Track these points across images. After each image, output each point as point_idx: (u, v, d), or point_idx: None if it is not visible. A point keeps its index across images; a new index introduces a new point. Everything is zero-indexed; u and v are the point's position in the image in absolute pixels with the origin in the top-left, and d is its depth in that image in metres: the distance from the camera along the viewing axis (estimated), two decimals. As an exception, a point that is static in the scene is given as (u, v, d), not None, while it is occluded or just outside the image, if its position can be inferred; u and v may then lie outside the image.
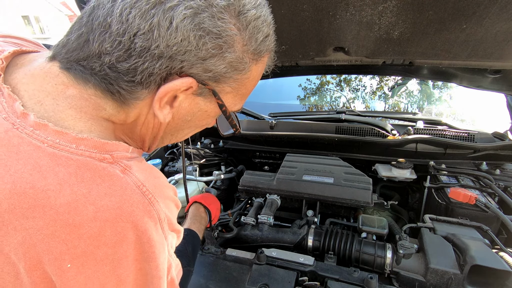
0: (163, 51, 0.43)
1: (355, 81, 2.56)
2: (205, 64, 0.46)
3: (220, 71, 0.48)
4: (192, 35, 0.43)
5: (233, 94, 0.55)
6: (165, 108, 0.50)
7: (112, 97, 0.47)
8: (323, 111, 2.23)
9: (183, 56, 0.44)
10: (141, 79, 0.45)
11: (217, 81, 0.50)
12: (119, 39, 0.43)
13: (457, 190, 1.25)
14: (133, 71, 0.44)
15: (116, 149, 0.46)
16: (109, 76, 0.45)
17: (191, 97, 0.51)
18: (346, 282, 0.96)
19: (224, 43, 0.46)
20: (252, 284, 0.95)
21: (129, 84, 0.46)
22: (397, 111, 2.26)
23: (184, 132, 0.60)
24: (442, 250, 1.00)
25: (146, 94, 0.48)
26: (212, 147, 1.89)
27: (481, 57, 1.14)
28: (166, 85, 0.46)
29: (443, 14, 0.94)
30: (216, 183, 1.67)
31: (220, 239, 1.21)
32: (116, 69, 0.44)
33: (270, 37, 0.53)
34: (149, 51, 0.43)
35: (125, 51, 0.43)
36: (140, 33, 0.42)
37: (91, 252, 0.39)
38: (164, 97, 0.48)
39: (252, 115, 1.95)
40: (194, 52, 0.44)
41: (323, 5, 0.98)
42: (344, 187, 1.27)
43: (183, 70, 0.46)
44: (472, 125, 1.91)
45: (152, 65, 0.44)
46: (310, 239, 1.15)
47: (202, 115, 0.56)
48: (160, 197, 0.46)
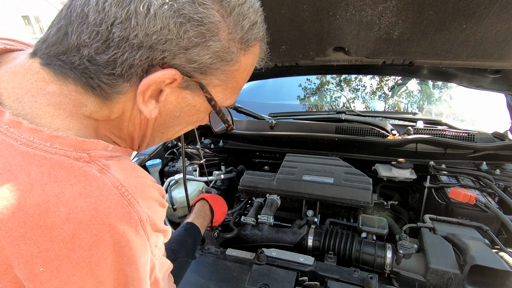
0: (142, 40, 0.41)
1: (355, 81, 2.56)
2: (188, 54, 0.44)
3: (205, 62, 0.46)
4: (172, 23, 0.41)
5: (222, 88, 0.52)
6: (150, 103, 0.47)
7: (93, 92, 0.45)
8: (323, 111, 2.23)
9: (164, 46, 0.42)
10: (121, 71, 0.43)
11: (203, 73, 0.47)
12: (96, 29, 0.41)
13: (457, 190, 1.25)
14: (112, 63, 0.43)
15: (95, 147, 0.44)
16: (89, 70, 0.43)
17: (177, 90, 0.49)
18: (346, 282, 0.95)
19: (207, 31, 0.43)
20: (252, 284, 0.95)
21: (110, 78, 0.44)
22: (397, 111, 2.25)
23: (175, 129, 0.58)
24: (442, 250, 1.00)
25: (128, 87, 0.46)
26: (212, 147, 1.89)
27: (481, 57, 1.14)
28: (147, 77, 0.44)
29: (443, 14, 0.94)
30: (216, 183, 1.67)
31: (220, 239, 1.21)
32: (96, 61, 0.42)
33: (258, 25, 0.50)
34: (128, 41, 0.41)
35: (103, 42, 0.41)
36: (118, 22, 0.40)
37: (65, 255, 0.37)
38: (147, 90, 0.45)
39: (252, 115, 1.95)
40: (175, 41, 0.42)
41: (323, 5, 0.98)
42: (344, 187, 1.27)
43: (165, 61, 0.44)
44: (472, 125, 1.91)
45: (131, 56, 0.42)
46: (310, 239, 1.15)
47: (191, 111, 0.53)
48: (141, 197, 0.44)
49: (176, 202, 1.46)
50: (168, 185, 1.57)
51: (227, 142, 1.94)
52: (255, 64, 0.57)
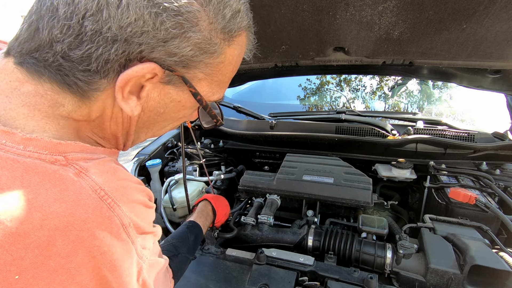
0: (117, 33, 0.39)
1: (355, 81, 2.56)
2: (167, 46, 0.42)
3: (186, 55, 0.43)
4: (146, 13, 0.39)
5: (208, 81, 0.50)
6: (130, 100, 0.45)
7: (70, 90, 0.43)
8: (323, 111, 2.22)
9: (141, 39, 0.40)
10: (97, 67, 0.41)
11: (186, 66, 0.45)
12: (67, 23, 0.38)
13: (457, 190, 1.25)
14: (87, 59, 0.40)
15: (72, 149, 0.42)
16: (64, 67, 0.41)
17: (160, 86, 0.46)
18: (346, 282, 0.95)
19: (186, 21, 0.41)
20: (252, 284, 0.95)
21: (85, 74, 0.41)
22: (397, 111, 2.25)
23: (160, 125, 0.55)
24: (442, 250, 1.00)
25: (106, 84, 0.43)
26: (212, 147, 1.89)
27: (481, 57, 1.14)
28: (125, 72, 0.42)
29: (443, 14, 0.94)
30: (216, 183, 1.67)
31: (220, 239, 1.21)
32: (70, 58, 0.40)
33: (242, 14, 0.47)
34: (101, 34, 0.39)
35: (75, 37, 0.39)
36: (89, 15, 0.38)
37: (42, 263, 0.35)
38: (126, 86, 0.43)
39: (252, 115, 1.95)
40: (152, 33, 0.40)
41: (323, 5, 0.98)
42: (344, 187, 1.27)
43: (143, 55, 0.42)
44: (472, 125, 1.91)
45: (107, 51, 0.40)
46: (310, 239, 1.15)
47: (176, 107, 0.51)
48: (122, 201, 0.42)
49: (176, 202, 1.45)
50: (168, 185, 1.57)
51: (227, 142, 1.94)
52: (242, 56, 0.54)
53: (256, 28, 0.55)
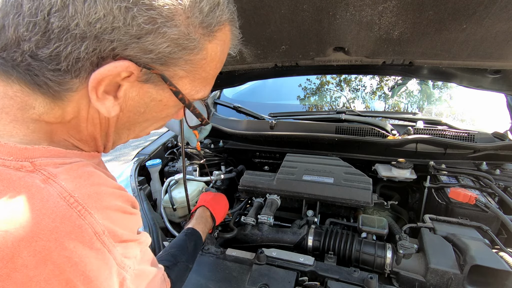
0: (85, 30, 0.36)
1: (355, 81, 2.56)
2: (142, 43, 0.39)
3: (163, 51, 0.41)
4: (116, 8, 0.36)
5: (189, 79, 0.47)
6: (106, 100, 0.42)
7: (41, 91, 0.41)
8: (323, 111, 2.22)
9: (112, 35, 0.37)
10: (67, 66, 0.38)
11: (164, 64, 0.43)
12: (33, 20, 0.36)
13: (457, 190, 1.25)
14: (56, 58, 0.38)
15: (40, 155, 0.39)
16: (33, 66, 0.39)
17: (138, 84, 0.44)
18: (346, 282, 0.95)
19: (159, 16, 0.38)
20: (252, 284, 0.95)
21: (55, 74, 0.39)
22: (397, 111, 2.25)
23: (143, 125, 0.53)
24: (442, 250, 1.00)
25: (79, 84, 0.41)
26: (212, 147, 1.89)
27: (481, 57, 1.14)
28: (96, 71, 0.39)
29: (443, 14, 0.94)
30: (216, 183, 1.67)
31: (220, 239, 1.21)
32: (38, 57, 0.38)
33: (222, 7, 0.45)
34: (69, 31, 0.36)
35: (42, 34, 0.37)
36: (54, 10, 0.36)
37: (7, 276, 0.33)
38: (99, 86, 0.40)
39: (252, 115, 1.95)
40: (123, 29, 0.37)
41: (323, 5, 0.98)
42: (344, 187, 1.27)
43: (117, 53, 0.39)
44: (472, 125, 1.91)
45: (76, 49, 0.37)
46: (310, 239, 1.15)
47: (157, 106, 0.48)
48: (95, 207, 0.39)
49: (176, 202, 1.45)
50: (168, 185, 1.57)
51: (227, 142, 1.94)
52: (226, 51, 0.52)
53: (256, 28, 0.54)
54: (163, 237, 1.17)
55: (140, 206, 1.28)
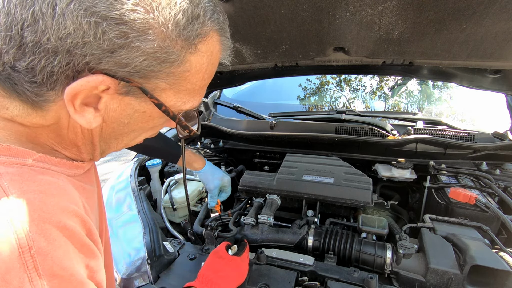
0: (57, 45, 0.37)
1: (355, 81, 2.56)
2: (116, 57, 0.39)
3: (141, 65, 0.40)
4: (85, 23, 0.36)
5: (173, 91, 0.46)
6: (86, 112, 0.42)
7: (20, 98, 0.41)
8: (323, 111, 2.22)
9: (84, 50, 0.37)
10: (42, 79, 0.39)
11: (143, 77, 0.42)
12: (8, 34, 0.37)
13: (457, 190, 1.25)
14: (32, 71, 0.39)
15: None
16: (13, 76, 0.40)
17: (118, 97, 0.43)
18: (346, 282, 0.95)
19: (131, 30, 0.38)
20: (252, 284, 0.95)
21: (32, 86, 0.40)
22: (397, 111, 2.25)
23: (130, 136, 0.52)
24: (442, 250, 1.00)
25: (55, 96, 0.41)
26: (212, 147, 1.89)
27: (481, 57, 1.14)
28: (70, 85, 0.39)
29: (443, 14, 0.94)
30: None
31: (220, 239, 1.21)
32: (17, 68, 0.39)
33: (202, 19, 0.43)
34: (41, 46, 0.37)
35: (17, 48, 0.38)
36: (26, 25, 0.36)
37: None
38: (75, 99, 0.40)
39: (252, 115, 1.95)
40: (95, 43, 0.37)
41: (323, 5, 0.98)
42: (344, 187, 1.27)
43: (92, 66, 0.39)
44: (472, 125, 1.91)
45: (49, 63, 0.38)
46: (310, 239, 1.15)
47: (142, 117, 0.48)
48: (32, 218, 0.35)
49: (176, 202, 1.46)
50: (168, 185, 1.57)
51: (227, 142, 1.94)
52: (216, 62, 0.50)
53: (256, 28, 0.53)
54: (163, 237, 1.17)
55: (140, 206, 1.28)
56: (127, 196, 1.36)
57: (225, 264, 0.91)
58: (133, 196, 1.34)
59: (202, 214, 1.42)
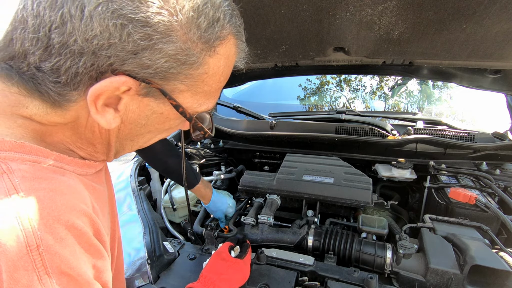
0: (83, 46, 0.38)
1: (355, 81, 2.56)
2: (139, 59, 0.39)
3: (162, 67, 0.41)
4: (111, 25, 0.37)
5: (191, 93, 0.47)
6: (106, 112, 0.43)
7: (41, 97, 0.42)
8: (323, 111, 2.23)
9: (109, 51, 0.38)
10: (66, 80, 0.40)
11: (163, 78, 0.43)
12: (36, 36, 0.38)
13: (457, 190, 1.25)
14: (56, 71, 0.40)
15: (10, 148, 0.39)
16: (37, 76, 0.41)
17: (138, 98, 0.44)
18: (346, 282, 0.95)
19: (155, 32, 0.39)
20: (252, 284, 0.95)
21: (56, 86, 0.41)
22: (397, 111, 2.26)
23: (146, 137, 0.52)
24: (442, 250, 1.00)
25: (77, 96, 0.42)
26: (212, 147, 1.89)
27: (481, 57, 1.14)
28: (94, 86, 0.40)
29: (443, 14, 0.94)
30: (216, 183, 1.67)
31: (220, 239, 1.21)
32: (42, 69, 0.40)
33: (222, 22, 0.44)
34: (68, 47, 0.38)
35: (44, 49, 0.39)
36: (54, 27, 0.37)
37: None
38: (97, 100, 0.41)
39: (252, 115, 1.95)
40: (120, 45, 0.38)
41: (323, 5, 0.98)
42: (344, 187, 1.27)
43: (115, 68, 0.40)
44: (472, 125, 1.91)
45: (75, 64, 0.39)
46: (310, 239, 1.15)
47: (159, 118, 0.48)
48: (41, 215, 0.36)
49: (176, 202, 1.46)
50: (168, 185, 1.57)
51: (227, 142, 1.94)
52: (231, 65, 0.51)
53: (256, 28, 0.53)
54: (163, 237, 1.17)
55: (140, 206, 1.28)
56: (127, 196, 1.36)
57: (228, 267, 0.91)
58: (133, 196, 1.34)
59: (202, 214, 1.42)
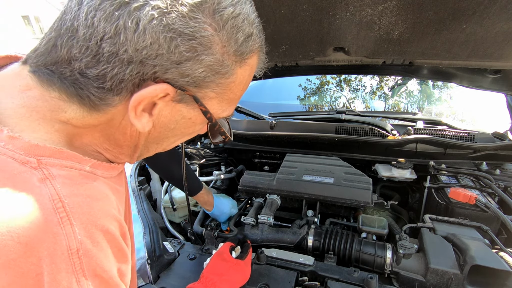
0: (132, 55, 0.41)
1: (355, 81, 2.56)
2: (181, 68, 0.43)
3: (199, 76, 0.44)
4: (162, 37, 0.40)
5: (218, 100, 0.50)
6: (143, 117, 0.46)
7: (80, 101, 0.44)
8: (323, 111, 2.23)
9: (155, 61, 0.41)
10: (111, 85, 0.42)
11: (197, 86, 0.46)
12: (86, 44, 0.40)
13: (457, 190, 1.25)
14: (102, 78, 0.42)
15: (50, 154, 0.41)
16: (80, 81, 0.43)
17: (171, 104, 0.47)
18: (346, 282, 0.96)
19: (200, 45, 0.42)
20: (252, 284, 0.95)
21: (99, 91, 0.43)
22: (397, 111, 2.26)
23: (170, 140, 0.56)
24: (442, 250, 1.00)
25: (118, 101, 0.45)
26: (212, 147, 1.90)
27: (481, 57, 1.14)
28: (138, 92, 0.43)
29: (443, 14, 0.94)
30: (216, 183, 1.67)
31: (220, 239, 1.21)
32: (86, 75, 0.42)
33: (254, 37, 0.48)
34: (118, 56, 0.40)
35: (93, 57, 0.41)
36: (107, 37, 0.40)
37: None
38: (139, 105, 0.44)
39: (252, 115, 1.95)
40: (166, 56, 0.41)
41: (323, 5, 0.98)
42: (344, 187, 1.27)
43: (157, 76, 0.43)
44: (472, 125, 1.91)
45: (122, 71, 0.41)
46: (310, 239, 1.15)
47: (186, 123, 0.52)
48: (80, 220, 0.37)
49: (176, 202, 1.46)
50: (168, 185, 1.57)
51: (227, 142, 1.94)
52: (253, 74, 0.55)
53: None
54: (163, 237, 1.17)
55: (140, 206, 1.28)
56: (127, 196, 1.35)
57: (229, 268, 0.93)
58: (133, 196, 1.34)
59: (202, 214, 1.42)
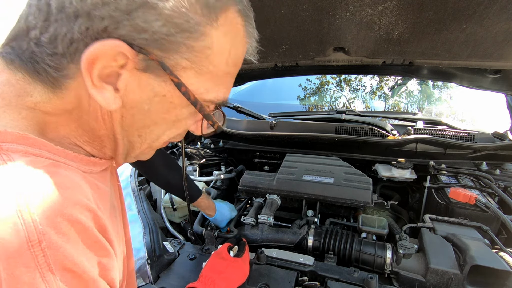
0: (78, 7, 0.36)
1: (355, 81, 2.56)
2: (132, 19, 0.37)
3: (159, 32, 0.38)
4: None
5: (194, 71, 0.43)
6: (104, 89, 0.40)
7: (41, 79, 0.40)
8: (323, 111, 2.23)
9: (102, 11, 0.36)
10: (63, 49, 0.38)
11: (163, 49, 0.40)
12: (37, 4, 0.38)
13: (457, 190, 1.25)
14: (54, 41, 0.38)
15: (13, 140, 0.37)
16: (35, 53, 0.39)
17: (137, 74, 0.41)
18: (346, 282, 0.96)
19: None
20: (252, 284, 0.95)
21: (53, 58, 0.39)
22: (397, 111, 2.26)
23: (154, 131, 0.49)
24: (442, 250, 1.00)
25: (75, 69, 0.40)
26: (212, 147, 1.90)
27: (481, 57, 1.14)
28: (86, 50, 0.37)
29: (443, 14, 0.94)
30: (216, 183, 1.67)
31: (220, 239, 1.21)
32: (41, 43, 0.39)
33: None
34: (64, 10, 0.37)
35: (45, 19, 0.38)
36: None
37: None
38: (92, 68, 0.38)
39: (252, 115, 1.95)
40: (113, 4, 0.36)
41: (323, 5, 0.98)
42: (344, 187, 1.27)
43: (110, 32, 0.37)
44: (472, 125, 1.91)
45: (70, 29, 0.37)
46: (310, 239, 1.15)
47: (163, 104, 0.45)
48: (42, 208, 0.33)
49: (176, 202, 1.45)
50: (168, 185, 1.57)
51: (227, 142, 1.94)
52: (241, 49, 0.48)
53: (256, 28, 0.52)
54: (163, 237, 1.17)
55: (140, 206, 1.28)
56: (127, 196, 1.36)
57: (228, 266, 0.93)
58: (133, 196, 1.34)
59: (202, 214, 1.42)
